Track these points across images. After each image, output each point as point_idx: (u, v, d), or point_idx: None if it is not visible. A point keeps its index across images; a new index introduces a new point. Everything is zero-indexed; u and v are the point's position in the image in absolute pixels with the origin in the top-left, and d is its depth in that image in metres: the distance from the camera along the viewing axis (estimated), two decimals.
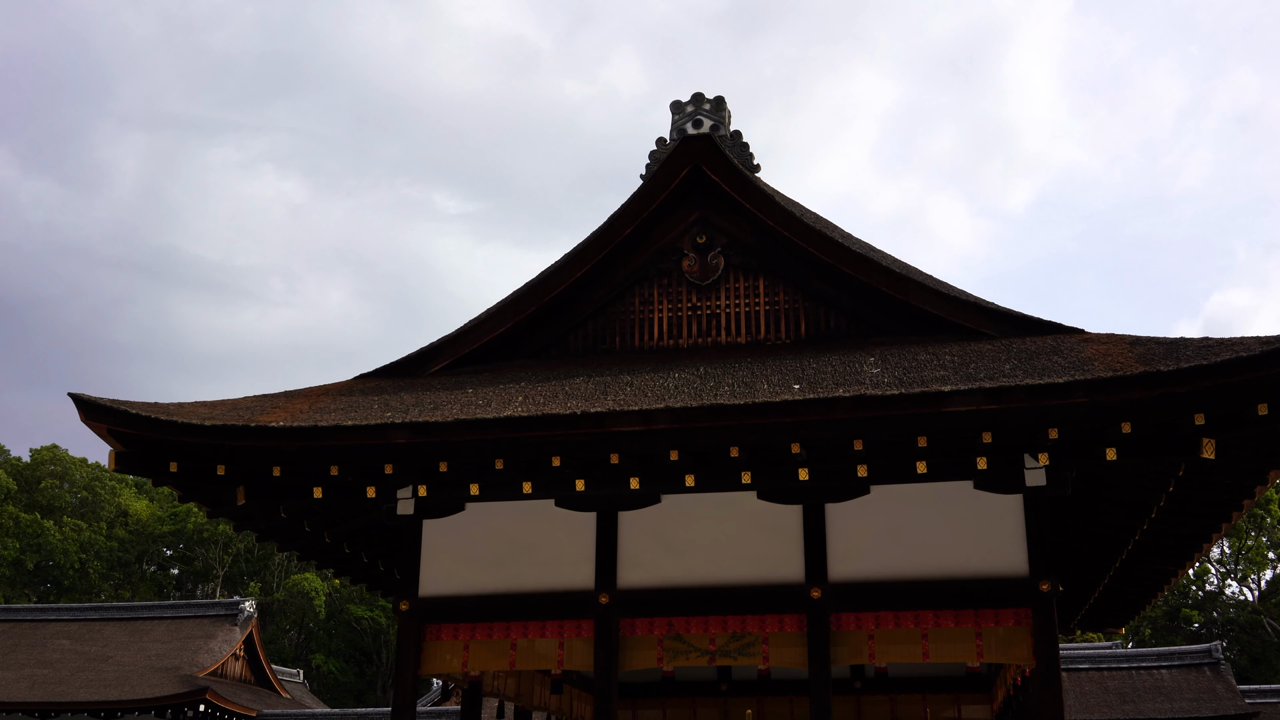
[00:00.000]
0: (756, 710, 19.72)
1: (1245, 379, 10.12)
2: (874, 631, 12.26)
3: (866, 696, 19.39)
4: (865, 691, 19.33)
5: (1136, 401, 10.42)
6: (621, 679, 19.65)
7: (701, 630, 12.60)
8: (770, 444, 11.17)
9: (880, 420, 10.79)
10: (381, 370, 13.63)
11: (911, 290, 12.78)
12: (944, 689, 19.07)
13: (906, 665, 18.96)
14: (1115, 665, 31.03)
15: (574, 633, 12.86)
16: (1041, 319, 12.48)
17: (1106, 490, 13.01)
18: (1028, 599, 11.86)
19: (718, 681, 19.87)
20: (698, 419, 10.92)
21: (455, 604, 13.05)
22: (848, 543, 12.42)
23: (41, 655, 35.71)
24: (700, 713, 19.98)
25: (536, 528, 13.09)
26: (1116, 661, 31.27)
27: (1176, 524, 13.85)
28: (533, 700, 16.69)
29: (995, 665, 17.10)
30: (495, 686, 15.36)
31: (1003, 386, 10.47)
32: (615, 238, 13.53)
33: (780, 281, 13.46)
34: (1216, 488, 12.52)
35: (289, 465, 11.87)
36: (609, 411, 11.00)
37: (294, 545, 14.84)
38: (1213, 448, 10.92)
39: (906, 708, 19.33)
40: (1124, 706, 29.06)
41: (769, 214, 13.26)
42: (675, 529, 12.81)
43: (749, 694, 19.67)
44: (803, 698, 19.25)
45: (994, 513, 12.19)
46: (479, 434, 11.26)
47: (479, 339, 13.56)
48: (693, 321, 13.56)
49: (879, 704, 19.43)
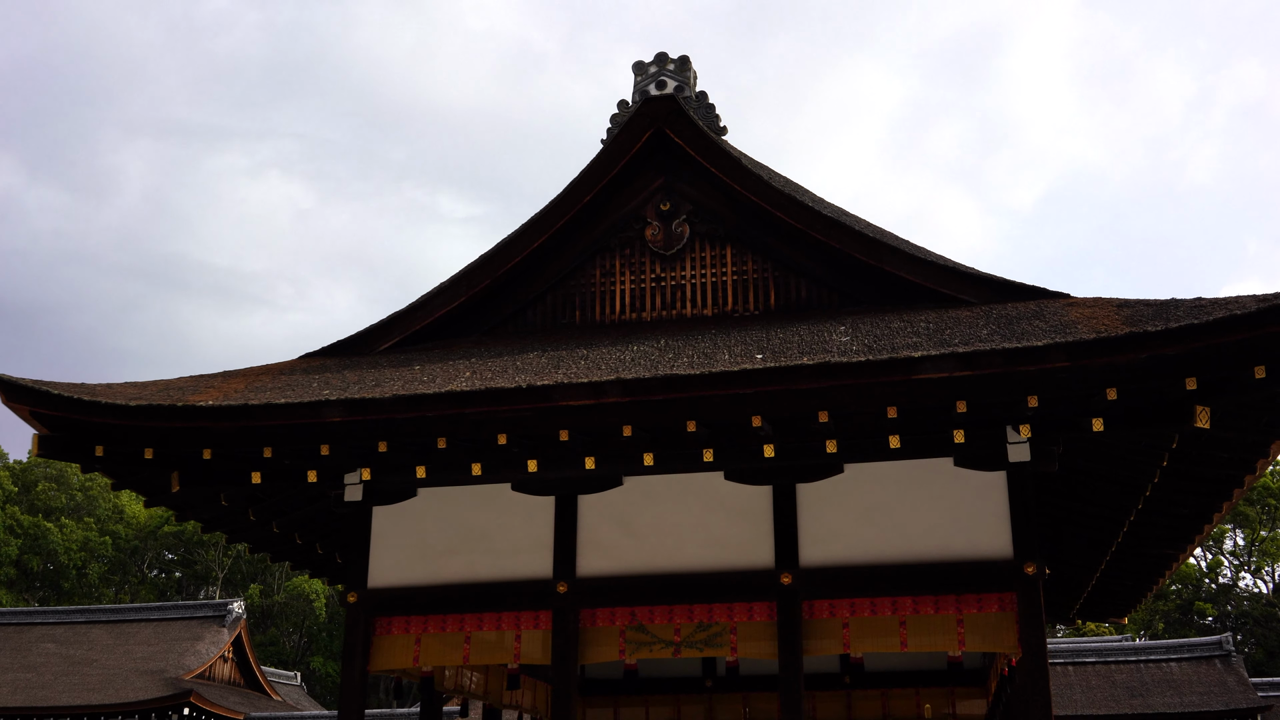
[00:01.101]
0: (742, 707, 18.95)
1: (1240, 339, 9.31)
2: (849, 620, 11.45)
3: (857, 691, 18.60)
4: (855, 686, 18.54)
5: (1122, 365, 9.62)
6: (603, 675, 19.27)
7: (666, 620, 11.82)
8: (730, 418, 10.39)
9: (846, 390, 10.01)
10: (328, 349, 12.90)
11: (885, 256, 12.00)
12: (937, 683, 18.25)
13: (898, 659, 18.20)
14: (1123, 658, 30.16)
15: (531, 624, 12.09)
16: (1024, 284, 11.69)
17: (1096, 466, 12.20)
18: (1012, 583, 11.05)
19: (702, 678, 19.08)
20: (651, 391, 10.14)
21: (407, 595, 12.28)
22: (821, 525, 11.63)
23: (26, 659, 35.05)
24: (684, 710, 19.20)
25: (492, 514, 12.33)
26: (1124, 654, 30.41)
27: (1174, 503, 13.03)
28: (503, 698, 15.91)
29: (989, 656, 16.32)
30: (459, 683, 14.59)
31: (977, 351, 9.68)
32: (574, 205, 12.76)
33: (748, 250, 12.68)
34: (1214, 462, 11.70)
35: (220, 447, 11.12)
36: (556, 384, 10.23)
37: (243, 536, 14.11)
38: (1207, 416, 10.11)
39: (899, 703, 18.53)
40: (1132, 700, 28.21)
41: (735, 178, 12.49)
42: (639, 513, 12.03)
43: (735, 690, 18.88)
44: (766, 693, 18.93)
45: (976, 491, 11.40)
46: (418, 410, 10.50)
47: (430, 314, 12.81)
48: (656, 293, 12.78)
49: (870, 700, 18.64)
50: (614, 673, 19.07)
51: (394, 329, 12.80)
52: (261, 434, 10.92)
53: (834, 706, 18.68)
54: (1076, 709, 27.91)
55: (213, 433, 10.94)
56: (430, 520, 12.45)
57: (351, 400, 10.55)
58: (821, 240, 12.20)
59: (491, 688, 14.85)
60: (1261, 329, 9.24)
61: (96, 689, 32.80)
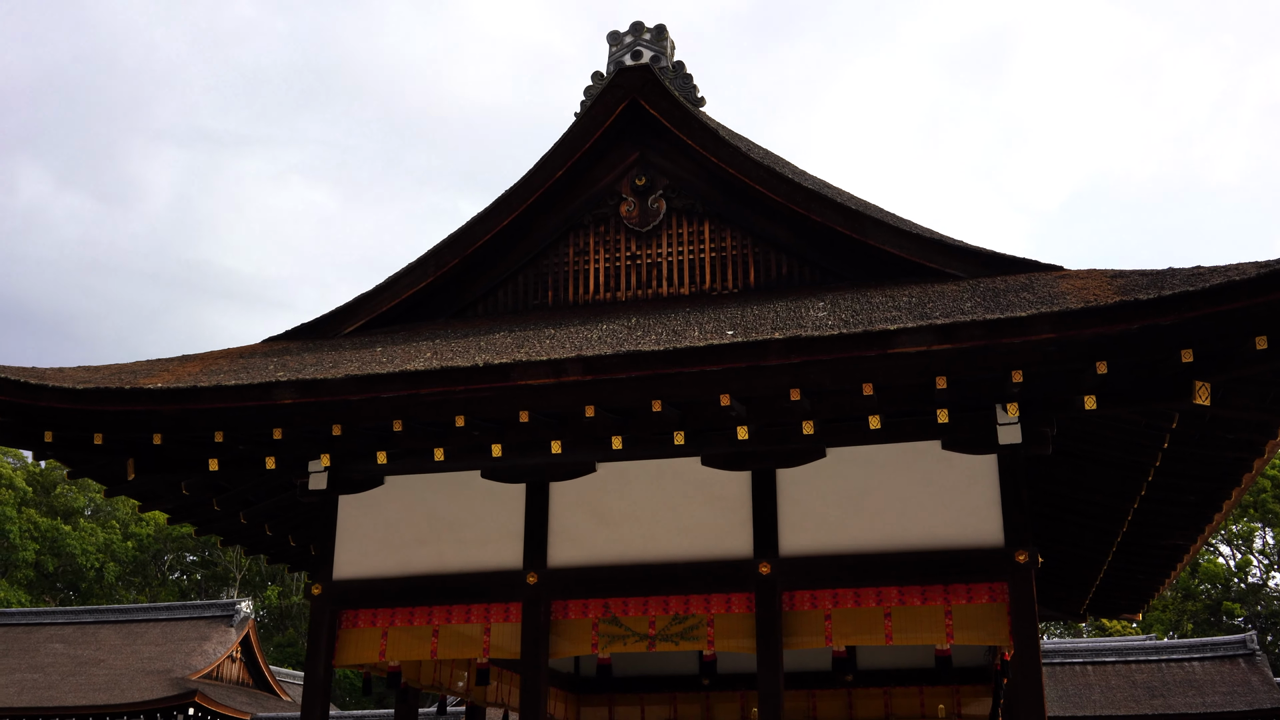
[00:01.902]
0: (740, 706, 18.35)
1: (1238, 307, 8.67)
2: (831, 611, 10.88)
3: (859, 690, 17.95)
4: (857, 685, 17.91)
5: (1113, 337, 9.00)
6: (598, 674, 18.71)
7: (640, 612, 11.27)
8: (698, 397, 9.84)
9: (819, 366, 9.43)
10: (292, 332, 12.41)
11: (869, 228, 11.41)
12: (942, 681, 17.58)
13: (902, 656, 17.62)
14: (1144, 658, 29.35)
15: (501, 617, 11.57)
16: (1016, 256, 11.08)
17: (1094, 449, 11.58)
18: (1003, 572, 10.44)
19: (699, 675, 18.42)
20: (613, 369, 9.60)
21: (373, 587, 11.79)
22: (802, 513, 11.06)
23: (33, 660, 34.83)
24: (681, 709, 18.62)
25: (462, 502, 11.82)
26: (1145, 653, 29.58)
27: (1179, 489, 12.38)
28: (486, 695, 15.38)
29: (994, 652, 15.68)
30: (437, 679, 14.08)
31: (956, 323, 9.08)
32: (545, 180, 12.23)
33: (727, 225, 12.11)
34: (1220, 444, 11.05)
35: (170, 432, 10.66)
36: (514, 363, 9.70)
37: (213, 528, 13.63)
38: (1207, 393, 9.49)
39: (902, 701, 17.88)
40: (1152, 701, 27.42)
41: (712, 150, 11.93)
42: (613, 501, 11.50)
43: (733, 688, 18.27)
44: (796, 691, 18.37)
45: (965, 476, 10.80)
46: (372, 391, 10.00)
47: (397, 295, 12.30)
48: (631, 272, 12.23)
49: (872, 698, 17.99)
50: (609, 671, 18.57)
51: (359, 311, 12.31)
52: (211, 417, 10.44)
53: (835, 705, 18.05)
54: (1095, 709, 27.16)
55: (161, 416, 10.47)
56: (398, 509, 11.96)
57: (303, 381, 10.06)
58: (801, 213, 11.63)
59: (474, 684, 14.30)
60: (1261, 297, 8.60)
61: (102, 689, 32.53)
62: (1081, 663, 29.40)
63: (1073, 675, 29.01)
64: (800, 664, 17.92)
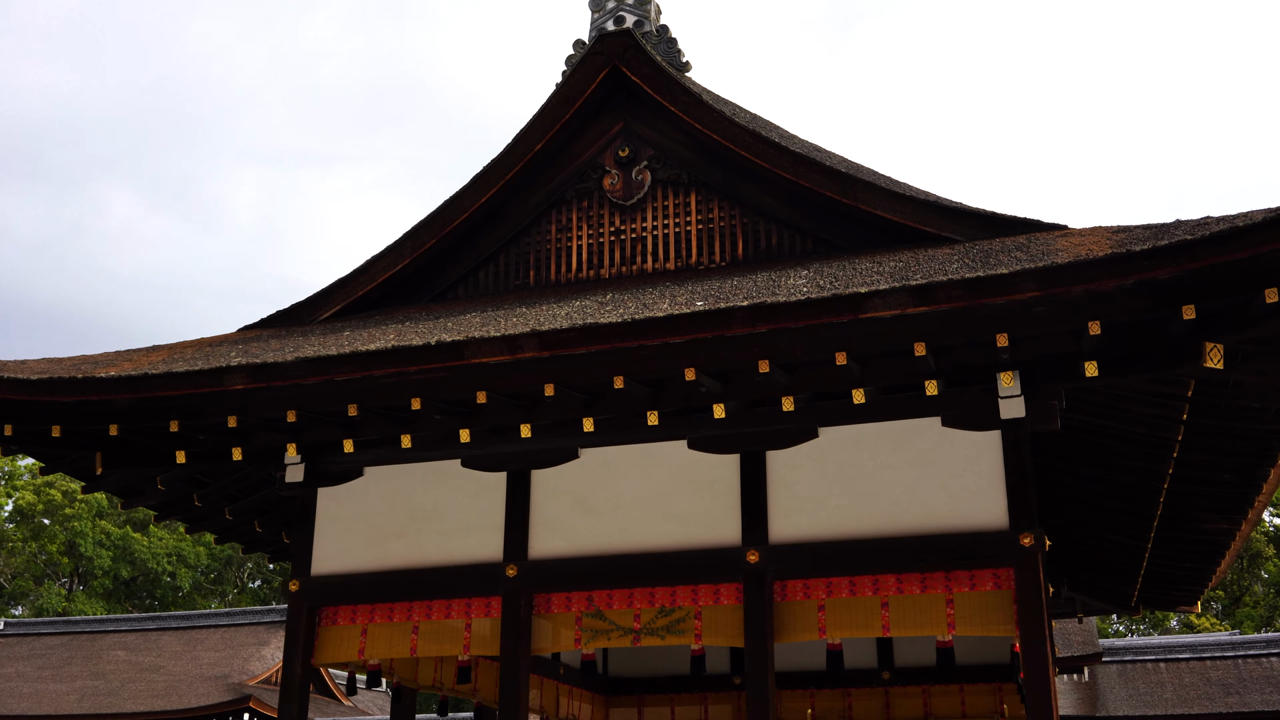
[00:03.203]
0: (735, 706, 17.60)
1: (1244, 256, 7.81)
2: (825, 601, 10.17)
3: (896, 689, 17.13)
4: (894, 683, 17.11)
5: (1106, 294, 8.20)
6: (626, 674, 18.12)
7: (625, 605, 10.66)
8: (663, 372, 9.20)
9: (788, 334, 8.74)
10: (268, 319, 12.00)
11: (860, 192, 10.67)
12: (983, 678, 16.71)
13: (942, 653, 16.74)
14: (1219, 654, 27.96)
15: (483, 611, 11.03)
16: (1018, 217, 10.27)
17: (1113, 425, 10.71)
18: (1008, 556, 9.64)
19: (730, 674, 17.69)
20: (569, 343, 9.01)
21: (353, 583, 11.32)
22: (793, 497, 10.36)
23: (96, 667, 35.16)
24: (712, 709, 17.93)
25: (442, 493, 11.31)
26: (1221, 650, 28.18)
27: (1211, 467, 11.46)
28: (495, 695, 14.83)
29: None
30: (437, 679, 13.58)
31: (933, 283, 8.35)
32: (525, 154, 11.67)
33: (714, 195, 11.45)
34: (1247, 415, 10.14)
35: (126, 422, 10.27)
36: (468, 340, 9.16)
37: (202, 524, 13.29)
38: (1219, 355, 8.63)
39: (941, 700, 17.01)
40: (1228, 699, 26.08)
41: (696, 116, 11.28)
42: (597, 488, 10.90)
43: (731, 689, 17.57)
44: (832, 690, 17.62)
45: (967, 455, 10.02)
46: (324, 374, 9.52)
47: (373, 279, 11.82)
48: (615, 248, 11.62)
49: (910, 697, 17.15)
50: (638, 670, 17.98)
51: (335, 297, 11.86)
52: (164, 406, 10.05)
53: (871, 705, 17.24)
54: (1166, 708, 25.91)
55: (115, 406, 10.10)
56: (377, 502, 11.49)
57: (253, 365, 9.61)
58: (790, 179, 10.93)
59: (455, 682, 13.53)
60: (1268, 244, 7.74)
61: (160, 695, 32.67)
62: (1154, 660, 28.12)
63: (1144, 673, 27.76)
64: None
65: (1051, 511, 13.81)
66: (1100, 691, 27.11)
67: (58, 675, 34.83)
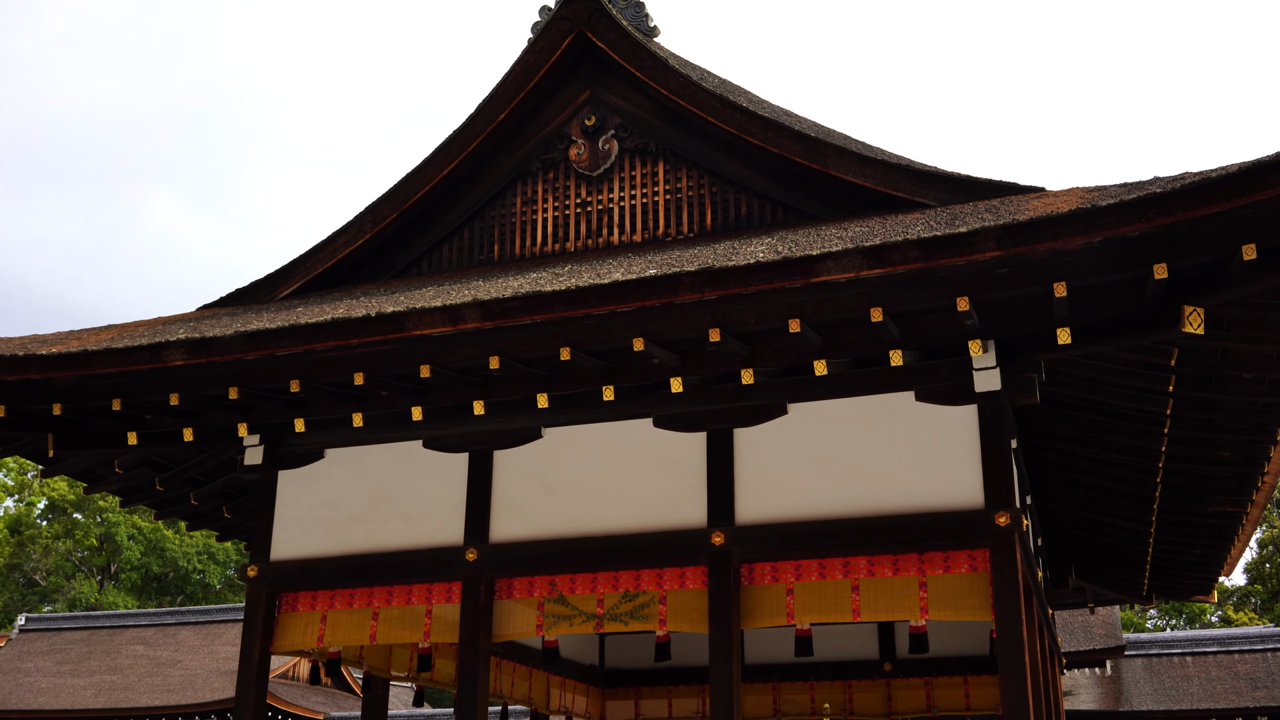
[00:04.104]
0: (772, 698, 17.13)
1: (1218, 210, 7.28)
2: (793, 584, 9.70)
3: (898, 680, 16.60)
4: (896, 675, 16.59)
5: (1072, 254, 7.70)
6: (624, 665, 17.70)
7: (589, 590, 10.24)
8: (610, 342, 8.78)
9: (739, 300, 8.30)
10: (227, 298, 11.65)
11: (830, 157, 10.19)
12: (988, 669, 16.16)
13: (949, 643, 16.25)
14: (1248, 647, 27.18)
15: (443, 597, 10.64)
16: (994, 180, 9.75)
17: (1099, 399, 10.18)
18: (983, 537, 9.14)
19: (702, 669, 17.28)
20: (511, 313, 8.60)
21: (312, 568, 10.97)
22: (761, 476, 9.89)
23: (114, 662, 35.13)
24: (675, 703, 17.50)
25: (404, 475, 10.93)
26: (1249, 642, 27.40)
27: (1207, 444, 10.91)
28: None
29: None
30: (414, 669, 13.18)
31: (887, 243, 7.87)
32: (488, 125, 11.26)
33: (683, 164, 10.99)
34: (1240, 386, 9.60)
35: (69, 401, 9.98)
36: (409, 311, 8.77)
37: (172, 511, 13.03)
38: (1200, 319, 8.09)
39: (944, 692, 16.46)
40: (1255, 693, 25.32)
41: (663, 82, 10.83)
42: (560, 469, 10.48)
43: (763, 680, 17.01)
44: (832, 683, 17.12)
45: (942, 431, 9.52)
46: (263, 348, 9.16)
47: (334, 255, 11.45)
48: (581, 220, 11.19)
49: (913, 689, 16.62)
50: (636, 662, 17.56)
51: (294, 274, 11.50)
52: (107, 384, 9.74)
53: (873, 697, 16.73)
54: (1192, 702, 25.19)
55: (57, 385, 9.80)
56: (338, 484, 11.12)
57: (192, 340, 9.26)
58: (759, 146, 10.46)
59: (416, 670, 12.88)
60: (1244, 196, 7.20)
61: (176, 690, 32.59)
62: (1180, 654, 27.38)
63: (1170, 667, 27.03)
64: (836, 652, 16.73)
65: (1049, 494, 13.28)
66: (1124, 685, 26.42)
67: (76, 670, 34.85)
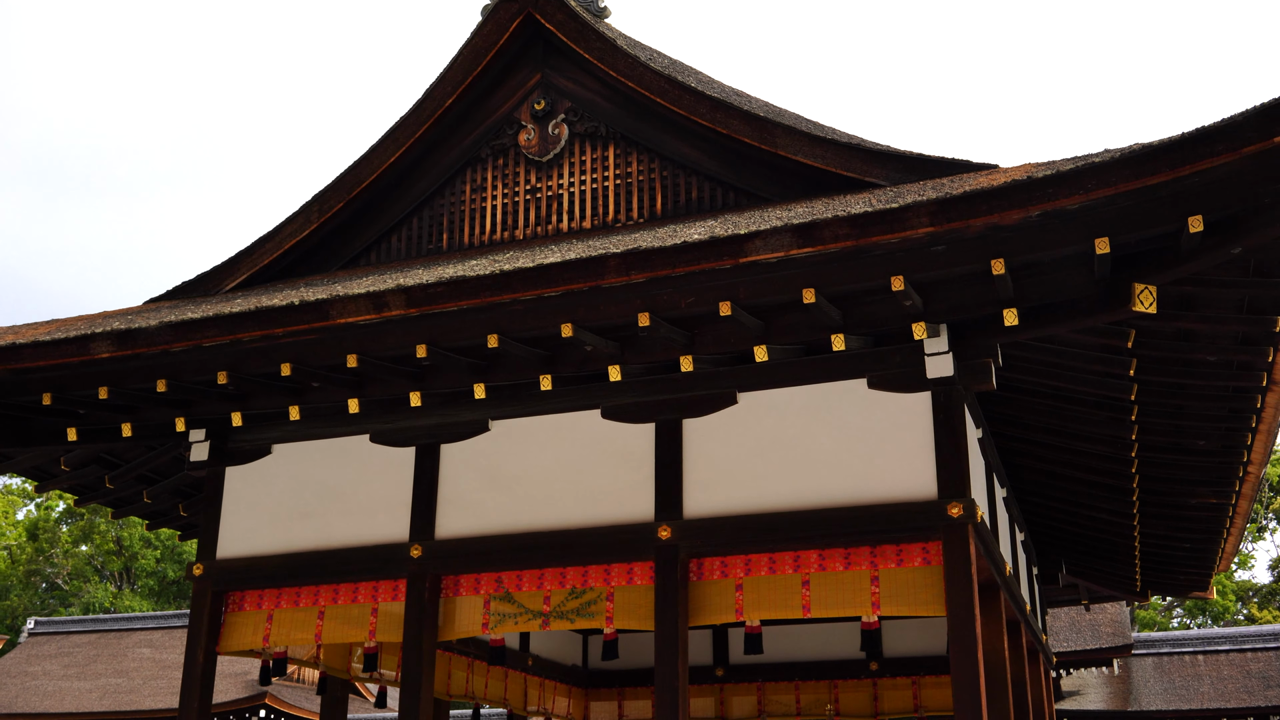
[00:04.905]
0: (757, 698, 16.81)
1: (1160, 180, 6.90)
2: (743, 580, 9.37)
3: (884, 680, 16.22)
4: (883, 674, 16.21)
5: (1009, 229, 7.33)
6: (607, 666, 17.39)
7: (535, 586, 9.94)
8: (542, 329, 8.47)
9: (668, 283, 7.98)
10: (173, 291, 11.40)
11: (779, 137, 9.84)
12: None
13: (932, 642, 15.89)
14: (1260, 645, 26.60)
15: (390, 595, 10.36)
16: (946, 158, 9.37)
17: (1059, 385, 9.79)
18: (936, 528, 8.77)
19: (713, 666, 17.01)
20: (438, 299, 8.31)
21: (259, 566, 10.70)
22: (711, 469, 9.54)
23: (120, 664, 35.06)
24: (694, 702, 17.12)
25: (351, 471, 10.64)
26: (1263, 640, 26.83)
27: (1180, 432, 10.50)
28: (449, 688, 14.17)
29: None
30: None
31: (816, 220, 7.53)
32: (435, 110, 10.97)
33: (633, 148, 10.66)
34: (1207, 370, 9.19)
35: (3, 396, 9.76)
36: (332, 298, 8.49)
37: (130, 510, 12.78)
38: (1151, 297, 7.71)
39: (932, 692, 16.05)
40: (1267, 692, 24.75)
41: (611, 64, 10.52)
42: (507, 463, 10.16)
43: (749, 679, 16.77)
44: (817, 682, 16.78)
45: (895, 420, 9.14)
46: (189, 339, 8.91)
47: (280, 246, 11.18)
48: (530, 207, 10.88)
49: (899, 689, 16.24)
50: (618, 663, 17.23)
51: (241, 266, 11.23)
52: (37, 378, 9.51)
53: (859, 697, 16.36)
54: (1203, 702, 24.65)
55: None
56: (285, 481, 10.85)
57: (118, 332, 9.02)
58: (708, 127, 10.13)
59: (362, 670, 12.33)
60: (1187, 165, 6.82)
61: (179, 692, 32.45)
62: (1191, 652, 26.83)
63: (1180, 666, 26.48)
64: (821, 652, 16.39)
65: (1028, 487, 12.89)
66: (1134, 685, 25.91)
67: (83, 673, 34.80)
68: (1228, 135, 6.68)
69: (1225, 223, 7.11)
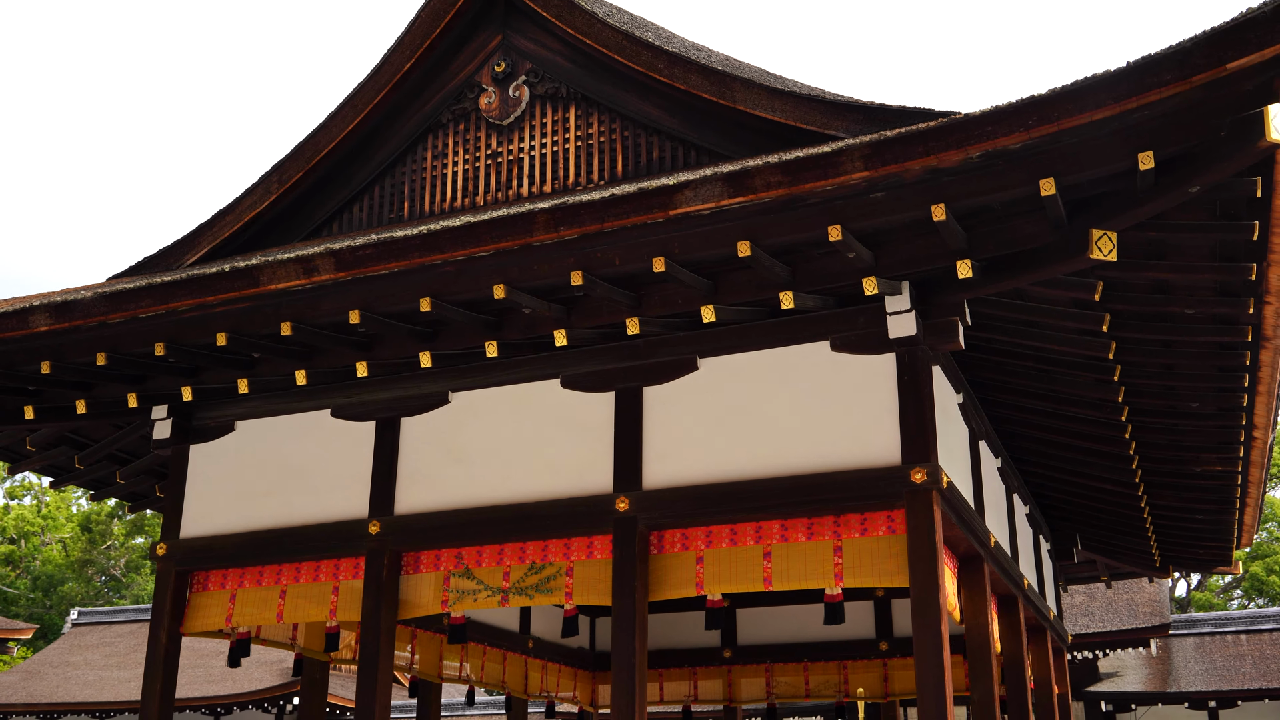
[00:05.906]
0: (765, 679, 16.41)
1: (1105, 116, 6.44)
2: (703, 553, 9.00)
3: (895, 660, 15.76)
4: (893, 654, 15.75)
5: (951, 171, 6.90)
6: None
7: (495, 562, 9.64)
8: (476, 291, 8.14)
9: (600, 239, 7.62)
10: (134, 267, 11.17)
11: (738, 91, 9.42)
12: None
13: None
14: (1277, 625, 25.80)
15: (351, 573, 10.11)
16: (908, 107, 8.86)
17: (1037, 345, 9.29)
18: (900, 495, 8.35)
19: (720, 647, 16.63)
20: (367, 261, 8.02)
21: (221, 545, 10.48)
22: (670, 438, 9.17)
23: None
24: (701, 684, 16.79)
25: (313, 447, 10.40)
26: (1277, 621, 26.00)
27: (1175, 394, 9.97)
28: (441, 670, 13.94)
29: None
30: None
31: (746, 168, 7.13)
32: (393, 75, 10.68)
33: (594, 109, 10.30)
34: (1189, 325, 8.67)
35: None
36: (262, 264, 8.23)
37: (109, 491, 12.66)
38: (1111, 244, 7.23)
39: None
40: None
41: (569, 21, 10.16)
42: (467, 436, 9.87)
43: (757, 660, 16.39)
44: (826, 663, 16.36)
45: (860, 384, 8.72)
46: (125, 309, 8.69)
47: (240, 219, 10.93)
48: (491, 172, 10.55)
49: (910, 669, 15.71)
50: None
51: (200, 240, 11.00)
52: None
53: (869, 678, 15.90)
54: (1244, 682, 23.85)
55: None
56: (248, 458, 10.63)
57: (55, 304, 8.83)
58: (667, 84, 9.74)
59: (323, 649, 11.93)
60: (1136, 97, 6.35)
61: (215, 680, 32.61)
62: (1234, 632, 25.99)
63: (1223, 646, 25.68)
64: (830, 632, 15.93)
65: (1027, 456, 12.38)
66: (1174, 665, 25.16)
67: (123, 663, 35.08)
68: (1176, 63, 6.21)
69: (1179, 159, 6.62)
